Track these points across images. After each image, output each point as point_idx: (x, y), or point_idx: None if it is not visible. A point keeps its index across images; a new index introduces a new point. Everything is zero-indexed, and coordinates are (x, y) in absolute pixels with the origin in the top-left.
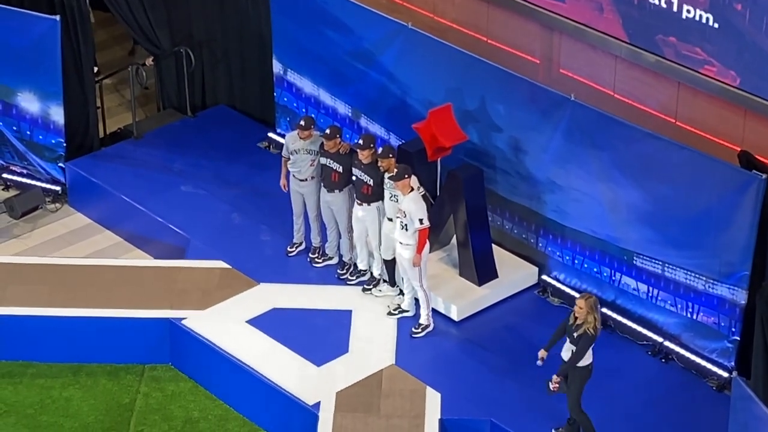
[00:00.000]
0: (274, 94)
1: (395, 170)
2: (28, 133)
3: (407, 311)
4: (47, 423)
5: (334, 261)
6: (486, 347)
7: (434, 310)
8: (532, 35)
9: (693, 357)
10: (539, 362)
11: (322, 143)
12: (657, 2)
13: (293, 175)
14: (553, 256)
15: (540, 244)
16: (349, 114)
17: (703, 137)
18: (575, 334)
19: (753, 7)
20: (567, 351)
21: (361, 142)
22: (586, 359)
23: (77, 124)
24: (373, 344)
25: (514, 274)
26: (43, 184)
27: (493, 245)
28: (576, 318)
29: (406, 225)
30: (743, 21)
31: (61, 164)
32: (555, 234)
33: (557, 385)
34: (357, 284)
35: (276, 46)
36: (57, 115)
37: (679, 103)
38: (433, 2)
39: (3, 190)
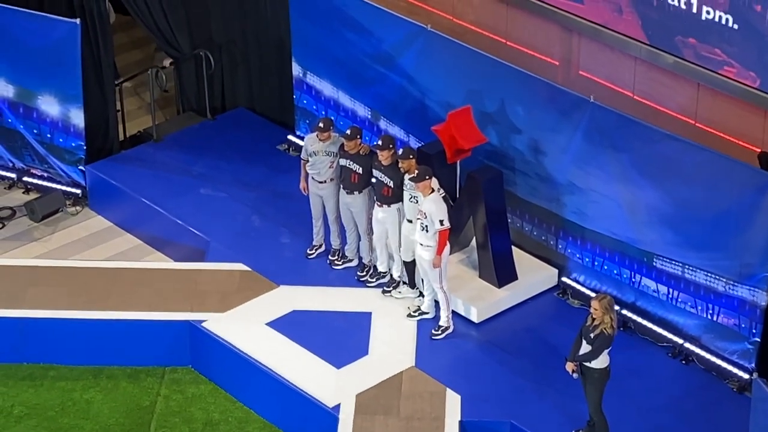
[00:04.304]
0: (294, 96)
1: (416, 172)
2: (49, 136)
3: (427, 313)
4: (68, 425)
5: (354, 263)
6: (506, 349)
7: (454, 312)
8: (552, 37)
9: (713, 358)
10: (575, 375)
11: (342, 145)
12: (676, 3)
13: (312, 177)
14: (573, 257)
15: (559, 246)
16: (369, 116)
17: (723, 138)
18: (592, 335)
19: None
20: (584, 350)
21: (380, 143)
22: (603, 361)
23: (97, 127)
24: (392, 346)
25: (533, 276)
26: (64, 187)
27: (513, 247)
28: (594, 319)
29: (426, 226)
30: (763, 22)
31: (81, 167)
32: (575, 236)
33: (576, 373)
34: (377, 286)
35: (295, 49)
36: (77, 118)
37: (698, 105)
38: (452, 4)
39: (24, 193)
